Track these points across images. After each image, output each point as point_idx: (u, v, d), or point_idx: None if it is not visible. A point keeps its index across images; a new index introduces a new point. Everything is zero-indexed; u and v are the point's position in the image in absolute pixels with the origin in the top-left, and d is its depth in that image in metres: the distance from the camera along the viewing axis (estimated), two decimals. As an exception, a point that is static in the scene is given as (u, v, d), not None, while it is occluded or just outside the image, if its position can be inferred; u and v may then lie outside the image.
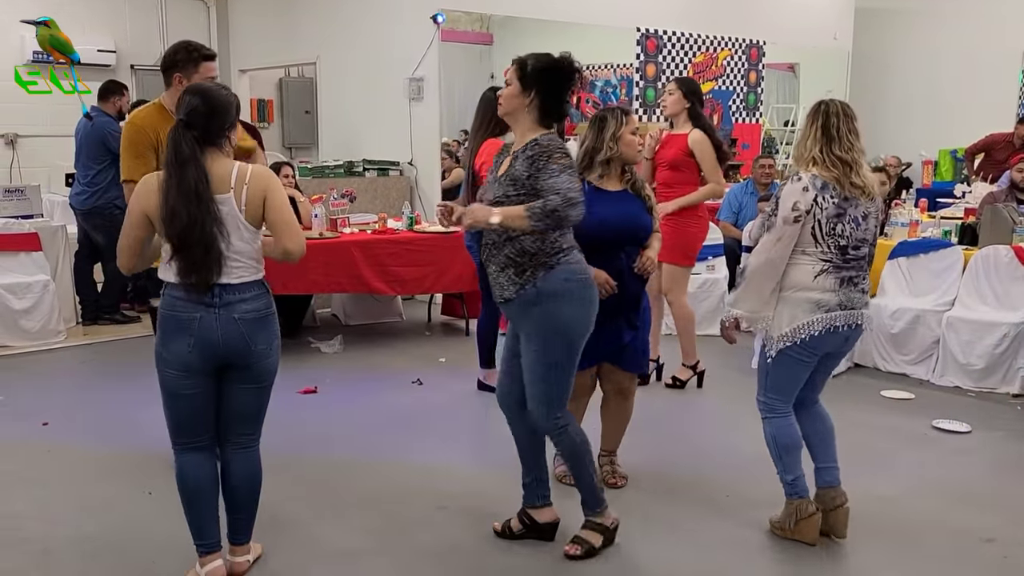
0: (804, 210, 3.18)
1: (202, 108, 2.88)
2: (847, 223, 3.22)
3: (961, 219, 6.48)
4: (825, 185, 3.19)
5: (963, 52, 11.07)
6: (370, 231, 6.49)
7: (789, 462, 3.39)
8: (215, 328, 2.89)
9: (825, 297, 3.24)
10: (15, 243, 6.32)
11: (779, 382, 3.36)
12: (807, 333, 3.24)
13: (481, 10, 9.84)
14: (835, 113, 3.23)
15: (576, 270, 3.15)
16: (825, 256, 3.23)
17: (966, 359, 5.42)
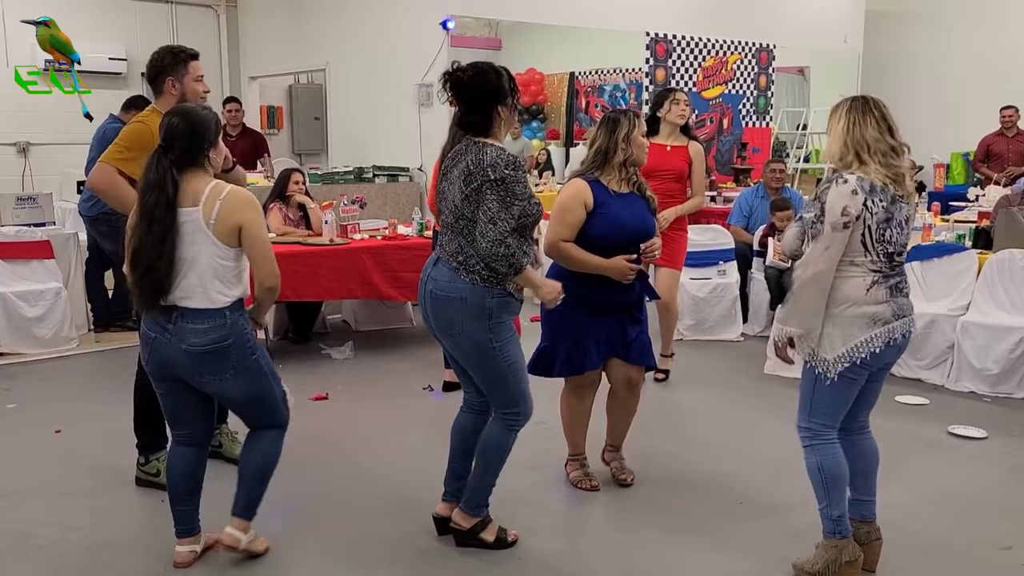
0: (855, 215, 2.90)
1: (182, 129, 3.02)
2: (894, 227, 2.97)
3: (975, 223, 6.44)
4: (873, 188, 2.92)
5: (974, 54, 11.03)
6: (380, 237, 6.49)
7: (835, 496, 3.08)
8: (166, 352, 3.04)
9: (880, 310, 2.97)
10: (27, 251, 6.34)
11: (830, 406, 3.06)
12: (868, 351, 2.96)
13: (490, 16, 9.84)
14: (874, 104, 3.01)
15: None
16: (875, 266, 2.97)
17: (981, 364, 5.38)
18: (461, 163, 3.13)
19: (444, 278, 3.16)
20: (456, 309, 3.13)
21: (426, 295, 3.22)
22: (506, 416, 3.27)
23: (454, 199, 3.14)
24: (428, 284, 3.21)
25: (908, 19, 11.74)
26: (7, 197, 6.71)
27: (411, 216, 6.94)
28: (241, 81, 10.33)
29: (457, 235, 3.14)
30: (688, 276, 6.82)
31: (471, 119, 3.18)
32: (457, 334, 3.17)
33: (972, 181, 10.13)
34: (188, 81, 3.89)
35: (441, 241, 3.23)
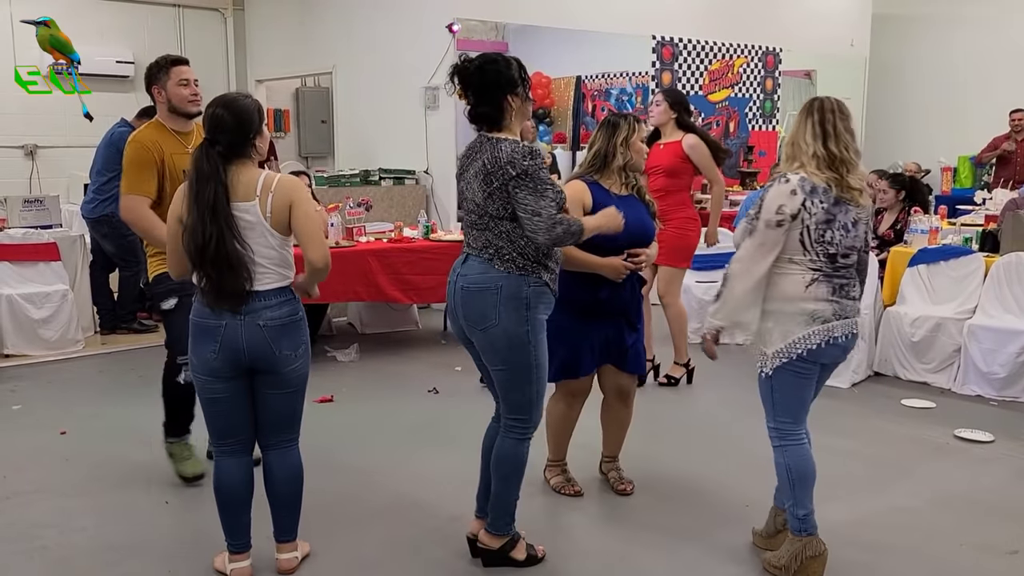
0: (790, 214, 2.97)
1: (228, 119, 2.98)
2: (836, 230, 3.00)
3: (982, 226, 6.41)
4: (815, 189, 2.98)
5: (981, 58, 11.01)
6: (386, 240, 6.49)
7: (801, 495, 3.12)
8: (239, 335, 2.96)
9: (820, 307, 3.02)
10: (34, 253, 6.37)
11: (785, 402, 3.11)
12: (804, 347, 3.02)
13: (496, 19, 9.85)
14: (831, 110, 3.04)
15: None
16: (814, 265, 3.02)
17: (988, 367, 5.35)
18: (476, 162, 3.07)
19: (476, 271, 3.08)
20: (491, 299, 3.04)
21: (456, 293, 3.14)
22: (515, 424, 3.18)
23: (475, 198, 3.09)
24: (458, 281, 3.13)
25: (915, 22, 11.72)
26: (14, 199, 6.73)
27: (417, 219, 6.94)
28: (248, 84, 10.35)
29: (483, 231, 3.08)
30: (694, 279, 6.82)
31: (481, 111, 3.10)
32: (492, 326, 3.05)
33: (979, 184, 10.11)
34: (171, 86, 3.90)
35: (467, 239, 3.18)
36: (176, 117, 3.95)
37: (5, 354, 6.15)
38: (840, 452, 4.39)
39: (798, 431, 3.13)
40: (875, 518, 3.59)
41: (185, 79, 3.91)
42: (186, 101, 3.91)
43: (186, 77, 3.91)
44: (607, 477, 4.03)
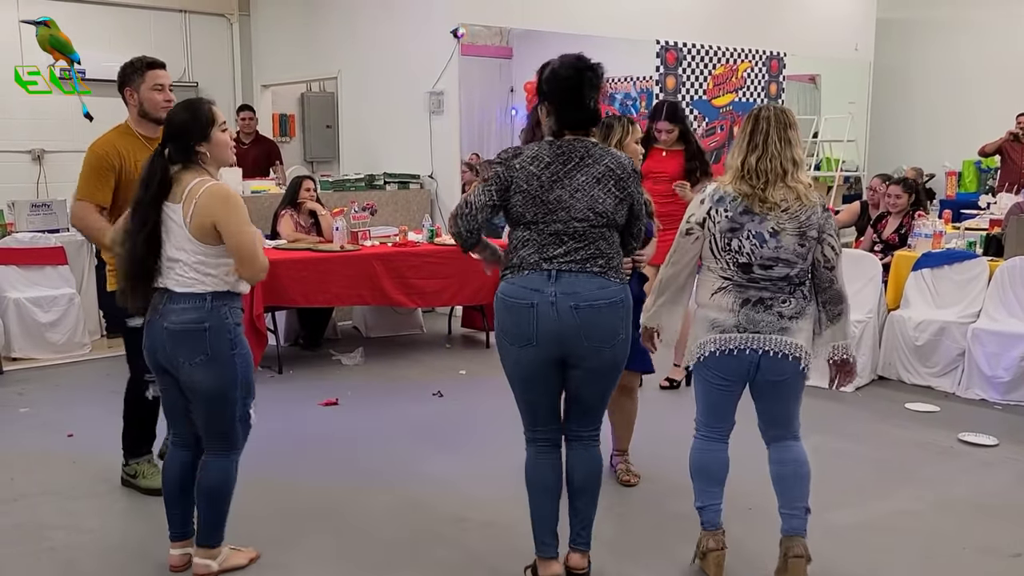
0: (696, 223, 3.03)
1: (174, 123, 3.06)
2: (745, 239, 2.96)
3: (986, 230, 6.42)
4: (722, 198, 3.00)
5: (985, 62, 11.01)
6: (391, 244, 6.52)
7: (697, 488, 3.20)
8: (154, 334, 3.08)
9: (721, 317, 3.02)
10: (41, 257, 6.41)
11: (702, 403, 3.19)
12: (702, 352, 3.06)
13: (501, 24, 9.88)
14: (765, 119, 3.01)
15: (506, 290, 2.94)
16: (725, 273, 3.02)
17: (992, 371, 5.36)
18: (595, 167, 2.89)
19: (590, 286, 2.87)
20: (620, 313, 2.92)
21: (563, 313, 2.85)
22: (595, 433, 3.09)
23: (595, 207, 2.87)
24: (562, 300, 2.85)
25: (919, 27, 11.72)
26: (22, 204, 6.76)
27: (421, 223, 6.97)
28: (254, 89, 10.38)
29: (594, 241, 2.89)
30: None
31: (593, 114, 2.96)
32: (620, 340, 2.94)
33: (984, 189, 10.10)
34: (144, 90, 3.78)
35: (546, 255, 2.88)
36: (146, 122, 3.82)
37: (12, 357, 6.18)
38: (844, 456, 4.40)
39: (709, 431, 3.19)
40: (879, 521, 3.59)
41: (160, 84, 3.77)
42: (158, 107, 3.76)
43: (161, 82, 3.78)
44: (615, 470, 4.10)
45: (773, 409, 3.16)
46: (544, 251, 2.88)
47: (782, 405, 3.15)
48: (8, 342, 6.17)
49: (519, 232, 2.94)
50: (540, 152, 2.91)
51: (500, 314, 2.97)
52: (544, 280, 2.87)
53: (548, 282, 2.86)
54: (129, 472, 4.03)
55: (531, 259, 2.89)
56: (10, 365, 6.09)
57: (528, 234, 2.91)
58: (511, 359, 2.97)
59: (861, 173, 11.36)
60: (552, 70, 2.94)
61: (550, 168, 2.89)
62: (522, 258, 2.91)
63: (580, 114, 2.93)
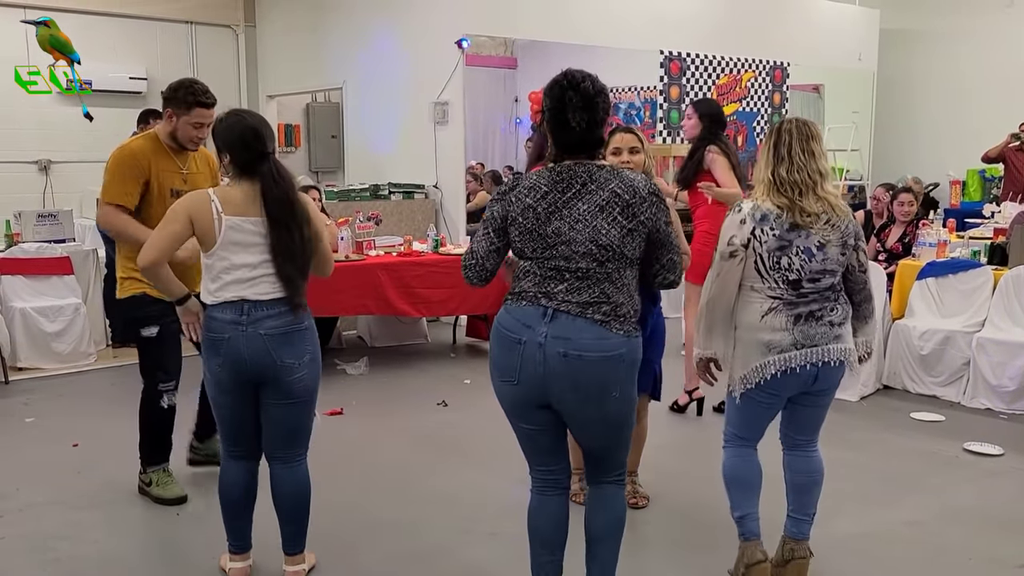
0: (740, 244, 2.93)
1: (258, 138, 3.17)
2: (795, 255, 2.92)
3: (990, 239, 6.41)
4: (766, 216, 2.92)
5: (988, 71, 11.02)
6: (396, 253, 6.53)
7: (735, 497, 3.15)
8: (242, 346, 3.01)
9: (776, 337, 2.95)
10: (48, 267, 6.43)
11: (739, 421, 3.14)
12: (760, 377, 2.97)
13: (505, 35, 9.93)
14: (787, 131, 2.98)
15: (501, 317, 2.73)
16: (774, 292, 2.95)
17: (997, 380, 5.35)
18: (596, 194, 2.60)
19: (587, 335, 2.58)
20: (615, 369, 2.60)
21: (549, 358, 2.59)
22: (619, 475, 2.84)
23: (598, 239, 2.58)
24: (551, 345, 2.58)
25: (922, 37, 11.73)
26: (29, 214, 6.79)
27: (426, 233, 6.98)
28: (259, 100, 10.43)
29: (600, 281, 2.60)
30: (702, 293, 6.82)
31: (598, 135, 2.70)
32: (613, 399, 2.63)
33: (988, 198, 10.09)
34: (183, 122, 3.84)
35: (545, 289, 2.63)
36: (173, 142, 3.91)
37: (18, 367, 6.19)
38: (849, 465, 4.39)
39: (743, 442, 3.15)
40: (884, 531, 3.58)
41: (199, 123, 3.84)
42: (189, 140, 3.88)
43: (201, 121, 3.83)
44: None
45: (811, 416, 3.15)
46: (544, 285, 2.63)
47: (821, 411, 3.16)
48: (14, 352, 6.19)
49: (523, 262, 2.72)
50: (538, 181, 2.66)
51: (492, 341, 2.78)
52: (538, 317, 2.62)
53: (542, 320, 2.61)
54: (144, 480, 4.06)
55: (530, 292, 2.65)
56: (16, 375, 6.10)
57: (530, 266, 2.68)
58: (498, 392, 2.79)
59: (865, 182, 11.36)
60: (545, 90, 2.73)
61: (547, 198, 2.62)
62: (523, 288, 2.69)
63: (567, 136, 2.65)
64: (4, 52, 8.33)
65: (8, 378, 5.98)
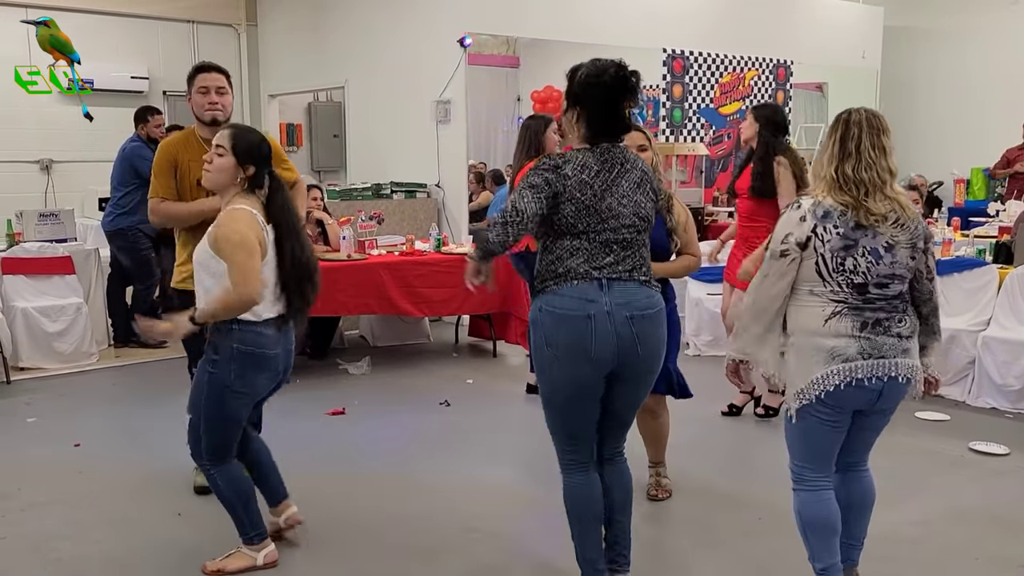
0: (796, 243, 2.69)
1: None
2: (860, 257, 2.67)
3: (995, 238, 6.39)
4: (828, 213, 2.68)
5: (993, 69, 10.99)
6: (398, 253, 6.52)
7: (816, 545, 2.83)
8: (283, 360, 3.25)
9: (840, 344, 2.68)
10: (49, 266, 6.41)
11: (801, 448, 2.81)
12: (822, 388, 2.68)
13: (507, 33, 9.91)
14: (857, 124, 2.72)
15: (554, 301, 2.78)
16: (837, 296, 2.69)
17: (1003, 380, 5.32)
18: (632, 172, 2.86)
19: (641, 295, 2.83)
20: (663, 322, 2.92)
21: (619, 323, 2.76)
22: (623, 447, 3.08)
23: (639, 212, 2.85)
24: (618, 312, 2.76)
25: (926, 35, 11.70)
26: (30, 213, 6.79)
27: (428, 232, 6.97)
28: (261, 99, 10.43)
29: (640, 247, 2.89)
30: (706, 291, 6.81)
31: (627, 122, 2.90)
32: (664, 352, 2.95)
33: (993, 196, 10.06)
34: (194, 95, 3.93)
35: (596, 263, 2.79)
36: (203, 125, 3.94)
37: (20, 367, 6.18)
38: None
39: (817, 478, 2.82)
40: (889, 531, 3.56)
41: (204, 87, 3.90)
42: (202, 109, 3.91)
43: (205, 85, 3.89)
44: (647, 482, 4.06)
45: (867, 437, 2.90)
46: (594, 260, 2.79)
47: (876, 433, 2.91)
48: (16, 351, 6.18)
49: (567, 241, 2.80)
50: (587, 160, 2.81)
51: (550, 328, 2.78)
52: (596, 290, 2.76)
53: (601, 292, 2.76)
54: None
55: (580, 269, 2.78)
56: (18, 375, 6.09)
57: (578, 243, 2.79)
58: (563, 377, 2.80)
59: (869, 181, 11.32)
60: (586, 74, 2.83)
61: (600, 176, 2.80)
62: (569, 268, 2.78)
63: (614, 122, 2.85)
64: (5, 52, 8.33)
65: (10, 378, 5.97)
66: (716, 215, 9.69)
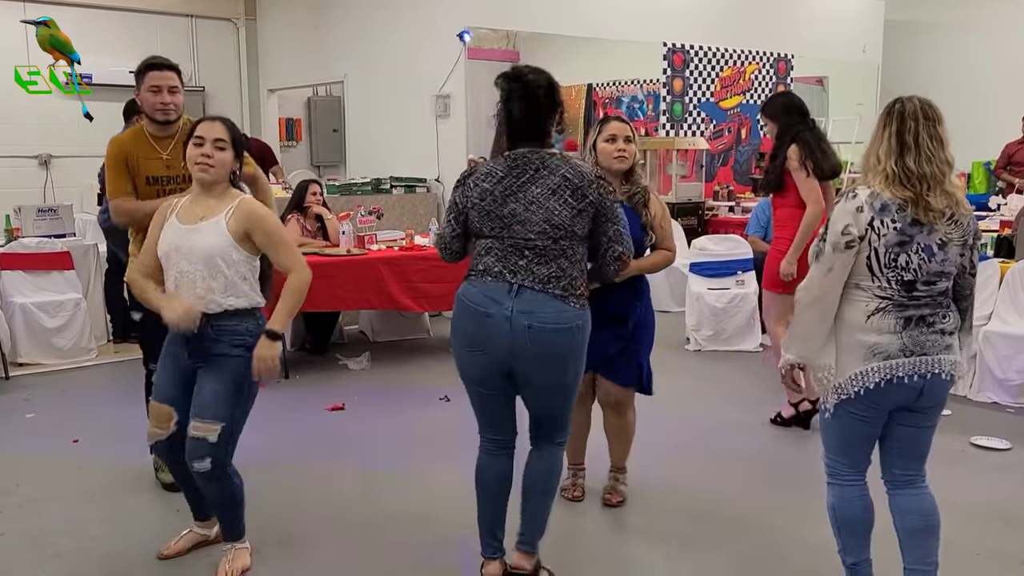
0: (857, 235, 2.59)
1: None
2: (914, 253, 2.59)
3: (997, 232, 6.37)
4: (886, 206, 2.58)
5: (994, 63, 10.96)
6: (397, 248, 6.50)
7: (849, 541, 2.80)
8: None
9: (883, 340, 2.61)
10: (48, 262, 6.40)
11: (841, 443, 2.76)
12: (861, 385, 2.63)
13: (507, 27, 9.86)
14: (912, 115, 2.62)
15: (467, 292, 2.94)
16: (883, 292, 2.62)
17: (1004, 374, 5.31)
18: (550, 178, 2.84)
19: (548, 308, 2.84)
20: (571, 340, 2.88)
21: (516, 331, 2.83)
22: (561, 441, 3.13)
23: (551, 219, 2.82)
24: (518, 319, 2.83)
25: (927, 28, 11.67)
26: (29, 208, 6.77)
27: (428, 227, 6.95)
28: (260, 94, 10.40)
29: (556, 257, 2.84)
30: (706, 286, 6.80)
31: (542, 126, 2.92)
32: (570, 368, 2.93)
33: (994, 190, 10.03)
34: (143, 91, 3.80)
35: (508, 266, 2.87)
36: (152, 122, 3.83)
37: (19, 362, 6.17)
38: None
39: (851, 473, 2.78)
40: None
41: (156, 86, 3.74)
42: (153, 109, 3.77)
43: (156, 84, 3.74)
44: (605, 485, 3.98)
45: (916, 440, 2.77)
46: (507, 261, 2.88)
47: (926, 434, 2.78)
48: (14, 347, 6.16)
49: (483, 241, 2.95)
50: (494, 167, 2.92)
51: (457, 316, 2.99)
52: (505, 293, 2.86)
53: (509, 296, 2.85)
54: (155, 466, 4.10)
55: (495, 268, 2.89)
56: (16, 370, 6.07)
57: (491, 244, 2.92)
58: (461, 361, 3.01)
59: (869, 175, 11.30)
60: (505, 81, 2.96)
61: (503, 182, 2.88)
62: (486, 265, 2.92)
63: (513, 126, 2.91)
64: (4, 46, 8.31)
65: (8, 374, 5.96)
66: (716, 210, 9.66)
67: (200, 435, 3.03)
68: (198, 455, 3.04)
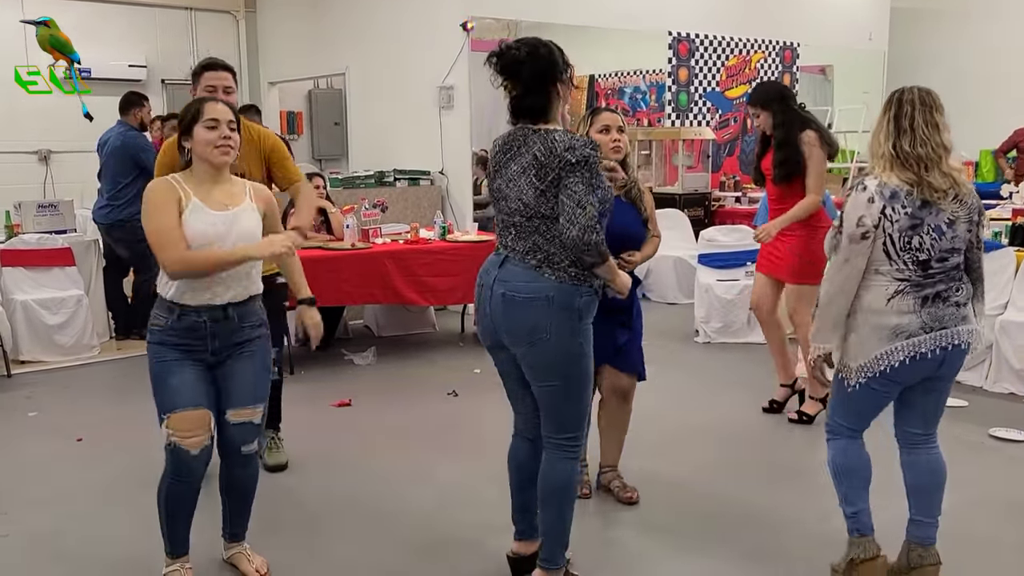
0: (871, 225, 2.76)
1: None
2: (926, 234, 2.77)
3: (1010, 220, 6.28)
4: (895, 193, 2.76)
5: (1002, 50, 10.86)
6: (402, 241, 6.43)
7: (849, 490, 3.00)
8: None
9: (904, 321, 2.79)
10: (49, 258, 6.33)
11: (852, 412, 2.98)
12: (887, 364, 2.81)
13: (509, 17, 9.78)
14: (909, 102, 2.80)
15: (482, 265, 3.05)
16: (902, 275, 2.79)
17: (1021, 364, 5.23)
18: (524, 156, 2.79)
19: (521, 278, 2.79)
20: (542, 311, 2.76)
21: (494, 299, 2.84)
22: (564, 443, 2.90)
23: (521, 197, 2.79)
24: (496, 287, 2.84)
25: (934, 16, 11.57)
26: (29, 204, 6.71)
27: (433, 220, 6.87)
28: (261, 86, 10.32)
29: (531, 233, 2.80)
30: (715, 278, 6.72)
31: (528, 103, 2.82)
32: (542, 340, 2.78)
33: (1002, 179, 9.96)
34: (199, 92, 3.80)
35: (503, 241, 2.90)
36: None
37: (21, 360, 6.11)
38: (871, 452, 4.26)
39: (852, 432, 3.01)
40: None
41: (212, 86, 3.78)
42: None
43: (212, 84, 3.78)
44: (609, 488, 3.87)
45: (931, 405, 2.99)
46: (502, 233, 2.93)
47: (941, 398, 2.99)
48: (16, 345, 6.11)
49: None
50: (497, 141, 2.95)
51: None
52: (496, 264, 2.90)
53: (497, 267, 2.89)
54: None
55: (497, 240, 2.96)
56: (18, 368, 6.02)
57: (495, 216, 3.00)
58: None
59: (876, 164, 11.22)
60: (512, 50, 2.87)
61: (496, 157, 2.92)
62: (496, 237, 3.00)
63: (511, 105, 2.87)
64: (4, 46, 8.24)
65: (10, 372, 5.90)
66: (723, 200, 9.58)
67: (245, 420, 3.05)
68: (248, 438, 3.08)
